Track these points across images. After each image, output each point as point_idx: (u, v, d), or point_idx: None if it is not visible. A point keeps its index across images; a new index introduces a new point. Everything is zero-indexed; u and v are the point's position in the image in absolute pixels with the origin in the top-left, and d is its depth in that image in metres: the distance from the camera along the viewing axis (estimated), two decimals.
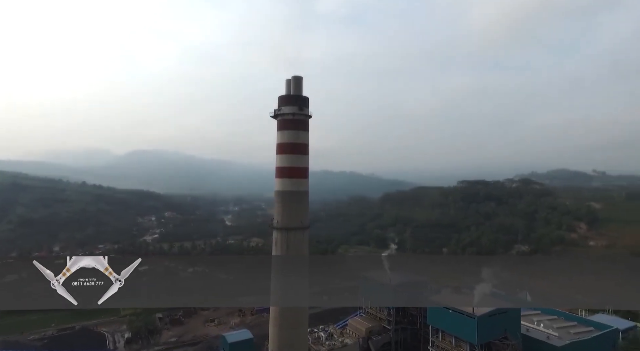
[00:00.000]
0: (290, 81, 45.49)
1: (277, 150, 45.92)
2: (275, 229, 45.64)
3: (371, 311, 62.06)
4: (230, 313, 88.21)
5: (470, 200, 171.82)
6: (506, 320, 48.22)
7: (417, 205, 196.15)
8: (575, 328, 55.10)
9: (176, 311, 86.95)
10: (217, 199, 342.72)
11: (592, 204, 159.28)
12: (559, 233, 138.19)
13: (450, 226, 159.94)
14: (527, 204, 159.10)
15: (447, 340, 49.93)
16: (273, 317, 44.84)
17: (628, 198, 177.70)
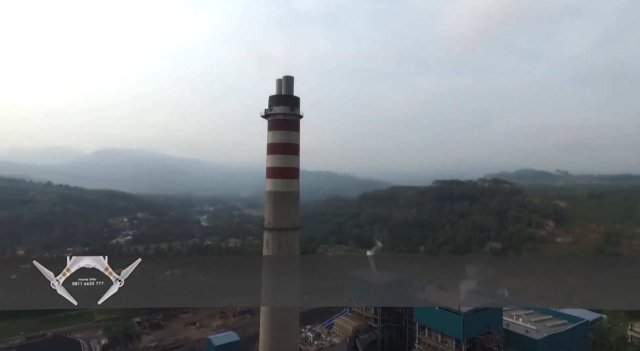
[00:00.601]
0: (281, 81, 45.25)
1: (267, 150, 45.57)
2: (266, 230, 45.30)
3: (357, 310, 62.70)
4: (211, 316, 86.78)
5: (445, 200, 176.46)
6: (489, 316, 49.95)
7: (393, 204, 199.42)
8: (551, 322, 57.71)
9: (155, 315, 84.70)
10: (191, 199, 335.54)
11: (558, 203, 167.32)
12: (529, 230, 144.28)
13: (426, 225, 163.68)
14: (498, 203, 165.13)
15: (434, 337, 51.19)
16: (264, 318, 44.53)
17: (589, 196, 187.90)
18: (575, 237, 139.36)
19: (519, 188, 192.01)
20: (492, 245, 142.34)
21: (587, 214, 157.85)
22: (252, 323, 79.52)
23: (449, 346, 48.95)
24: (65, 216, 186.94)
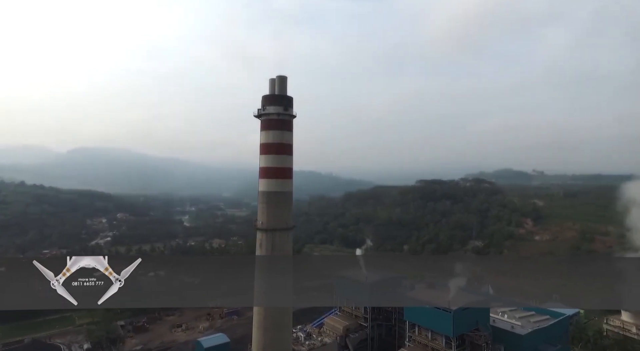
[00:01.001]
0: (274, 81, 45.06)
1: (261, 150, 45.30)
2: (259, 230, 45.03)
3: (347, 310, 63.08)
4: (197, 317, 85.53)
5: (428, 199, 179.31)
6: (477, 313, 51.18)
7: (377, 203, 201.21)
8: (534, 317, 59.48)
9: (139, 317, 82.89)
10: (172, 199, 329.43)
11: (536, 202, 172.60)
12: (509, 229, 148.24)
13: (410, 224, 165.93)
14: (479, 202, 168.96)
15: (424, 334, 52.04)
16: (257, 319, 44.25)
17: (565, 196, 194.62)
18: (553, 235, 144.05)
19: (499, 188, 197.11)
20: (474, 243, 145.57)
21: (563, 213, 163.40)
22: (240, 324, 79.01)
23: (439, 344, 49.85)
24: (40, 217, 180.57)
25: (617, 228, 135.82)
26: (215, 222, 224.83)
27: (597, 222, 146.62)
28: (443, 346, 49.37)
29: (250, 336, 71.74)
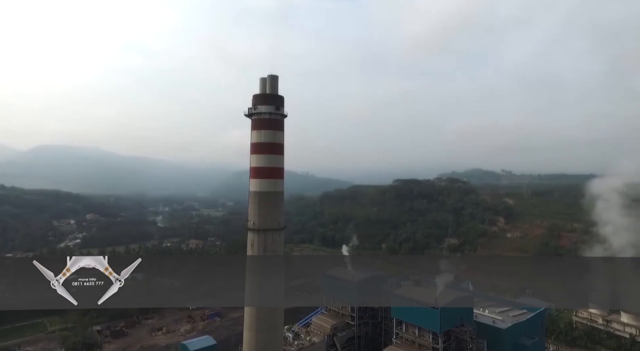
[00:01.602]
0: (265, 80, 44.72)
1: (252, 150, 44.87)
2: (250, 231, 44.58)
3: (333, 308, 63.46)
4: (178, 320, 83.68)
5: (405, 198, 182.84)
6: (462, 309, 52.78)
7: (355, 203, 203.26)
8: (513, 312, 61.91)
9: (117, 322, 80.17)
10: (144, 199, 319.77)
11: (507, 200, 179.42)
12: (482, 226, 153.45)
13: (387, 222, 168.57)
14: (454, 201, 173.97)
15: (411, 331, 53.14)
16: (248, 320, 43.80)
17: (533, 194, 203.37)
18: (523, 232, 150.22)
19: (472, 187, 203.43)
20: (449, 241, 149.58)
21: (532, 211, 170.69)
22: (223, 326, 77.95)
23: (426, 340, 51.05)
24: (1, 219, 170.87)
25: (582, 224, 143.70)
26: (190, 223, 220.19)
27: (564, 219, 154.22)
28: (430, 342, 50.59)
29: (235, 337, 71.04)
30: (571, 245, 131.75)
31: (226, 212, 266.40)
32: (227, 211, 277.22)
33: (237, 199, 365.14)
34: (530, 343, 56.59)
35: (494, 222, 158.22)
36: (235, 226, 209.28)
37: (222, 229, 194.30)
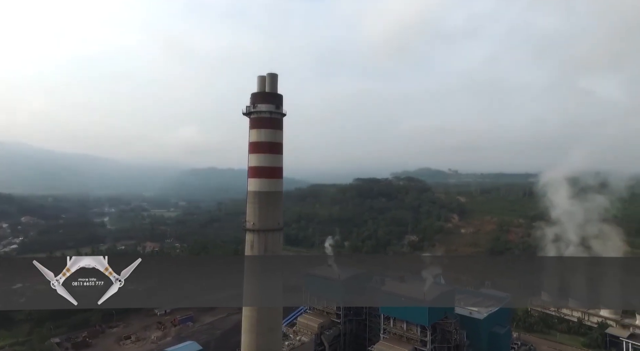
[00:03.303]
0: (264, 78, 43.84)
1: (250, 149, 43.79)
2: (250, 231, 43.54)
3: (318, 307, 63.82)
4: (146, 327, 79.15)
5: (365, 197, 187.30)
6: (446, 303, 55.66)
7: (316, 201, 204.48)
8: (485, 302, 66.36)
9: (79, 332, 74.19)
10: (87, 200, 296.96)
11: (459, 198, 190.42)
12: (439, 223, 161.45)
13: (349, 220, 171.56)
14: (412, 199, 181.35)
15: (399, 326, 55.05)
16: (248, 322, 42.78)
17: (481, 192, 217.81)
18: (476, 228, 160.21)
19: (428, 186, 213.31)
20: (409, 238, 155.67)
21: (482, 208, 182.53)
22: (200, 330, 75.21)
23: (415, 333, 53.20)
24: None
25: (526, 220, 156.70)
26: (142, 224, 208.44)
27: (510, 215, 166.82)
28: (418, 335, 52.79)
29: (215, 342, 68.99)
30: (518, 239, 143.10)
31: (180, 212, 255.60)
32: (181, 211, 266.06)
33: (189, 199, 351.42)
34: (503, 331, 61.11)
35: (449, 219, 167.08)
36: (192, 226, 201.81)
37: (179, 230, 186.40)
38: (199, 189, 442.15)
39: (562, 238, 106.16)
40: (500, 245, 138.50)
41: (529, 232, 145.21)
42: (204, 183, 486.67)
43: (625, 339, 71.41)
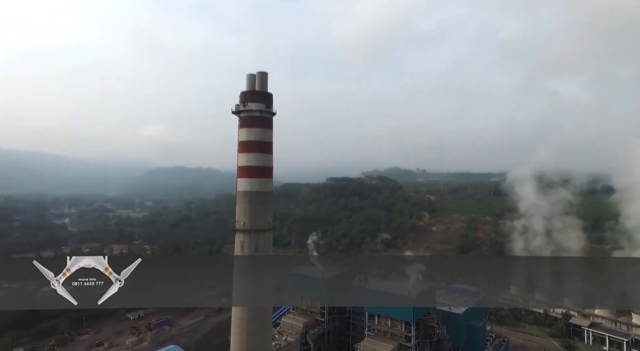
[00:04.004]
0: (253, 76, 43.16)
1: (240, 149, 42.99)
2: (240, 231, 42.79)
3: (301, 307, 63.74)
4: (119, 333, 76.01)
5: (339, 196, 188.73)
6: (428, 299, 57.22)
7: (289, 201, 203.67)
8: (461, 298, 68.80)
9: (45, 341, 70.11)
10: (43, 200, 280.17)
11: (430, 197, 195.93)
12: (411, 221, 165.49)
13: (324, 219, 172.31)
14: (385, 198, 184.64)
15: (383, 323, 56.01)
16: (238, 324, 42.04)
17: (450, 191, 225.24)
18: (446, 225, 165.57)
19: (400, 185, 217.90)
20: (382, 236, 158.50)
21: (450, 206, 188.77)
22: (179, 334, 73.13)
23: (399, 329, 54.34)
24: None
25: (493, 217, 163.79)
26: (107, 225, 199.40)
27: (477, 213, 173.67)
28: (403, 331, 53.96)
29: (195, 345, 67.35)
30: (486, 236, 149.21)
31: (148, 213, 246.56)
32: (147, 211, 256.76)
33: (156, 199, 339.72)
34: (480, 325, 63.62)
35: (420, 217, 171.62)
36: (161, 227, 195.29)
37: (147, 231, 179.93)
38: (165, 189, 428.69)
39: (529, 230, 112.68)
40: (469, 242, 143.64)
41: (495, 229, 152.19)
42: (171, 182, 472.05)
43: (586, 328, 76.75)
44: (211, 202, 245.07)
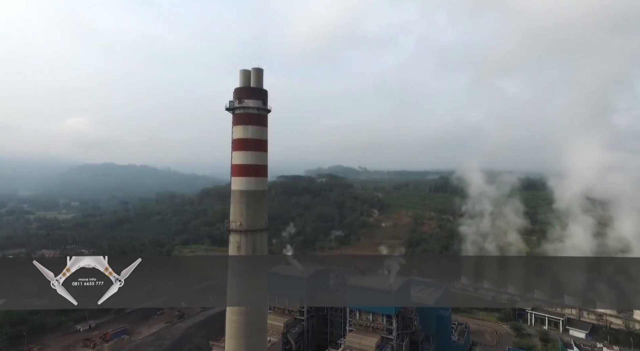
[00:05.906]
0: (248, 72, 41.51)
1: (235, 146, 41.12)
2: (235, 232, 41.02)
3: (279, 306, 62.96)
4: (68, 346, 68.72)
5: (291, 193, 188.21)
6: (404, 293, 59.81)
7: None
8: (429, 289, 72.83)
9: None
10: None
11: (377, 194, 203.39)
12: (362, 218, 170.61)
13: (277, 217, 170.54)
14: (336, 195, 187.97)
15: (364, 317, 57.49)
16: (235, 327, 40.37)
17: (394, 188, 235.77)
18: (394, 221, 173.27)
19: (350, 182, 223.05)
20: (336, 233, 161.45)
21: (397, 202, 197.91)
22: (143, 343, 68.11)
23: (381, 323, 56.15)
24: None
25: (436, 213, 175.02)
26: (29, 229, 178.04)
27: (422, 209, 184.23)
28: (384, 324, 55.87)
29: None
30: (432, 230, 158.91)
31: (76, 214, 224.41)
32: (76, 212, 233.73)
33: (82, 198, 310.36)
34: (447, 314, 68.03)
35: (370, 214, 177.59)
36: (95, 230, 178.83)
37: (81, 234, 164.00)
38: (92, 188, 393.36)
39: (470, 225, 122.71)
40: (417, 236, 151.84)
41: (439, 224, 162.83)
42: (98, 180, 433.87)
43: (530, 311, 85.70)
44: (151, 202, 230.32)
